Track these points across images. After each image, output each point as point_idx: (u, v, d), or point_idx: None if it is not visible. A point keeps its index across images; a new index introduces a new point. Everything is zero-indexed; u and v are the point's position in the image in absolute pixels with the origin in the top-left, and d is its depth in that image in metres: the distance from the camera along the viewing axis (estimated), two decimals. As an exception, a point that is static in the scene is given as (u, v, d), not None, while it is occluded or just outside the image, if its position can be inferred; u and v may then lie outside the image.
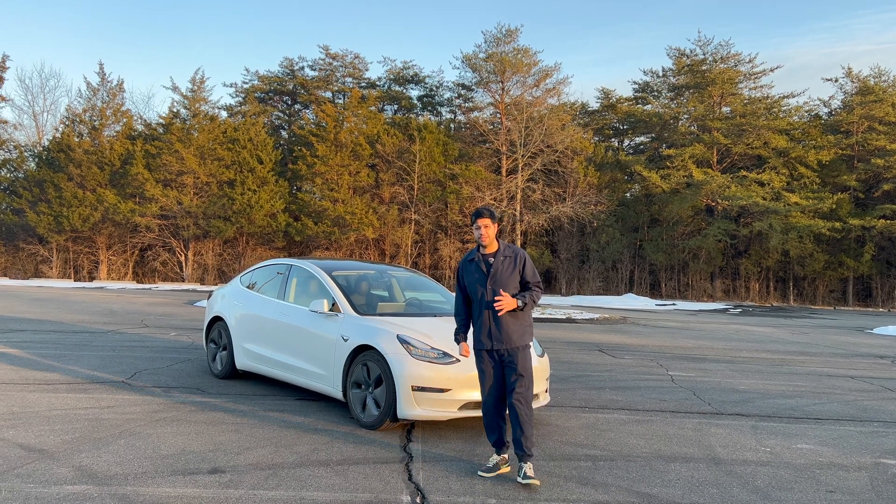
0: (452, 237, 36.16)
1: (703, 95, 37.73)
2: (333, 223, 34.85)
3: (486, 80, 37.95)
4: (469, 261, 5.29)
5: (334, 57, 42.59)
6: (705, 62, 38.43)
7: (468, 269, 5.26)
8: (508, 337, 5.06)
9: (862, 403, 8.55)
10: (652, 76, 41.79)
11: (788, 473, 5.42)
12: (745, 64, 38.33)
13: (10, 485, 4.48)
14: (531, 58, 37.43)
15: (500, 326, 5.06)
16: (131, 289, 29.58)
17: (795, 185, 35.12)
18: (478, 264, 5.20)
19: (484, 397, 5.17)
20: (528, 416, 4.98)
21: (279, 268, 8.18)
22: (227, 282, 35.43)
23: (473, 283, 5.19)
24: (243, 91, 43.32)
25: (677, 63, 39.64)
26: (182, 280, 36.74)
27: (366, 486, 4.73)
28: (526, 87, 37.73)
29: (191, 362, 9.56)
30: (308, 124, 40.36)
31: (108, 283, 34.22)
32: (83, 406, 6.74)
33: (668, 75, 41.00)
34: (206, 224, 35.69)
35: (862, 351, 14.64)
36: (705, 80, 37.50)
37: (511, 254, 5.22)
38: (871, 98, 36.79)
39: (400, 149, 35.96)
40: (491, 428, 5.18)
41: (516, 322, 5.09)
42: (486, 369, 5.15)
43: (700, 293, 36.90)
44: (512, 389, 5.01)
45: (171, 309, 18.45)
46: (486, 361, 5.14)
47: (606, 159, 37.83)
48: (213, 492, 4.48)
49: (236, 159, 35.97)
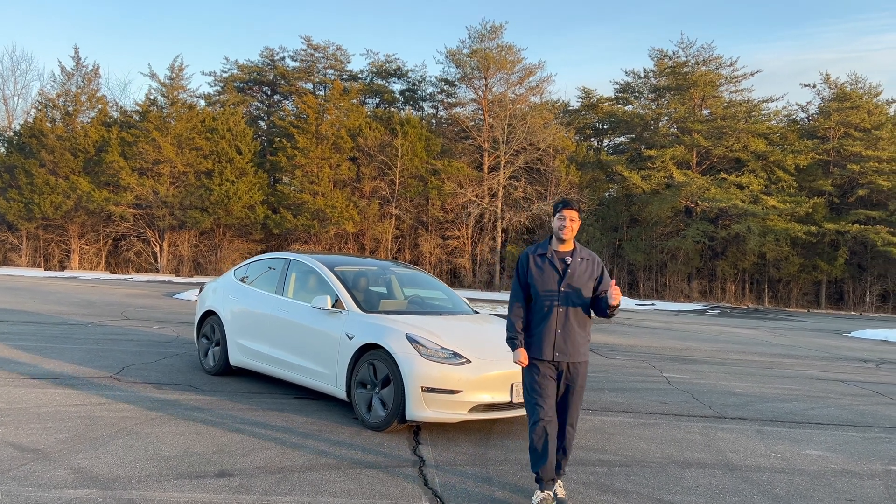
0: (433, 233, 35.96)
1: (685, 97, 37.97)
2: (313, 216, 34.44)
3: (470, 76, 37.83)
4: (539, 255, 4.57)
5: (316, 48, 42.07)
6: (687, 64, 38.68)
7: (536, 264, 4.54)
8: (576, 349, 4.45)
9: (858, 408, 8.57)
10: (633, 77, 41.96)
11: (804, 481, 5.36)
12: (727, 67, 38.68)
13: (8, 488, 4.23)
14: (515, 55, 37.40)
15: (568, 336, 4.43)
16: (105, 279, 28.94)
17: (773, 189, 35.50)
18: (551, 261, 4.52)
19: (536, 416, 4.40)
20: (574, 438, 4.56)
21: (276, 262, 7.94)
22: (206, 274, 34.81)
23: (542, 281, 4.49)
24: (222, 80, 42.61)
25: (659, 64, 39.82)
26: (157, 271, 36.06)
27: (382, 491, 4.55)
28: (509, 84, 37.70)
29: (179, 357, 9.28)
30: (288, 115, 39.86)
31: (81, 272, 33.46)
32: (73, 403, 6.46)
33: (650, 76, 41.17)
34: (182, 214, 35.04)
35: (845, 354, 14.78)
36: (687, 82, 37.74)
37: (589, 256, 4.61)
38: (848, 104, 37.34)
39: (382, 143, 35.66)
40: (541, 453, 4.39)
41: (583, 332, 4.51)
42: (543, 383, 4.42)
43: (677, 293, 37.18)
44: (568, 411, 4.47)
45: (151, 301, 18.03)
46: (545, 375, 4.44)
47: (588, 159, 37.91)
48: (224, 497, 4.27)
49: (215, 149, 35.36)
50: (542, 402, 4.41)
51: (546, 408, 4.41)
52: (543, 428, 4.38)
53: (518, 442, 6.00)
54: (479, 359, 5.97)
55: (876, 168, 35.31)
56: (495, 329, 6.90)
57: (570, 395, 4.48)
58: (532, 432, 4.43)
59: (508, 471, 5.18)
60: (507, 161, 35.34)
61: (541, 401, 4.42)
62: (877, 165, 35.27)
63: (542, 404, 4.41)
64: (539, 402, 4.42)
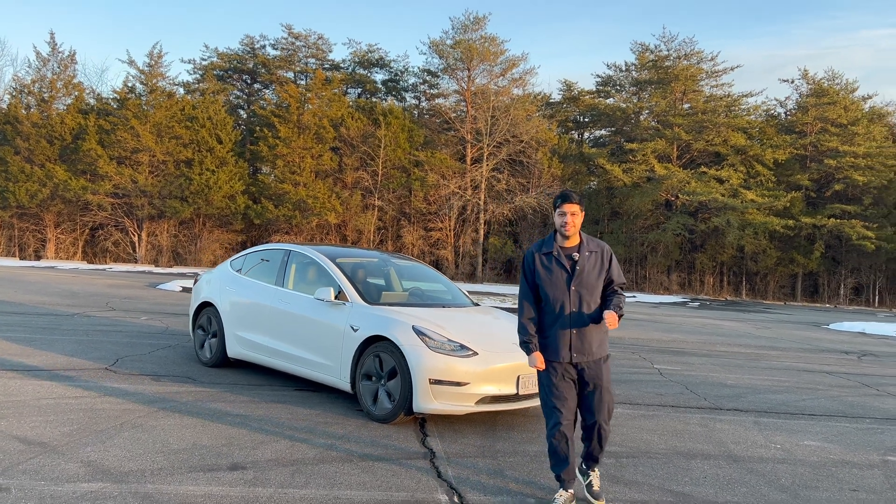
0: (416, 224, 35.90)
1: (666, 91, 38.23)
2: (295, 207, 34.18)
3: (453, 66, 37.72)
4: (545, 253, 4.39)
5: (297, 37, 41.66)
6: (668, 58, 38.93)
7: (543, 263, 4.37)
8: (594, 347, 4.31)
9: (847, 399, 8.73)
10: (615, 70, 42.13)
11: (807, 471, 5.45)
12: (707, 62, 38.98)
13: (20, 482, 4.16)
14: (498, 46, 37.34)
15: (584, 335, 4.28)
16: (84, 269, 28.50)
17: (752, 183, 35.94)
18: (558, 260, 4.33)
19: (555, 420, 4.29)
20: (608, 434, 4.44)
21: (275, 253, 7.88)
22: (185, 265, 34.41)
23: (551, 282, 4.32)
24: (202, 68, 42.05)
25: (640, 58, 40.03)
26: (135, 261, 35.59)
27: (397, 483, 4.55)
28: (492, 75, 37.68)
29: (172, 349, 9.18)
30: (270, 105, 39.47)
31: (57, 262, 32.90)
32: (72, 395, 6.36)
33: (631, 70, 41.39)
34: (161, 204, 34.59)
35: (826, 346, 15.04)
36: (668, 75, 38.00)
37: (597, 248, 4.39)
38: (825, 100, 37.87)
39: (365, 133, 35.47)
40: (561, 457, 4.30)
41: (599, 330, 4.35)
42: (560, 385, 4.30)
43: (657, 286, 37.55)
44: (596, 409, 4.33)
45: (135, 292, 17.80)
46: (563, 377, 4.31)
47: (570, 151, 38.07)
48: (240, 490, 4.24)
49: (194, 138, 34.90)
50: (560, 405, 4.29)
51: (565, 411, 4.28)
52: (563, 432, 4.27)
53: (524, 434, 6.03)
54: (485, 351, 5.98)
55: (852, 163, 35.90)
56: (499, 321, 6.93)
57: (598, 394, 4.34)
58: (551, 436, 4.32)
59: (519, 463, 5.20)
60: (490, 153, 35.35)
61: (559, 404, 4.29)
62: (853, 161, 35.85)
63: (560, 408, 4.28)
64: (557, 405, 4.29)
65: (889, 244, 35.44)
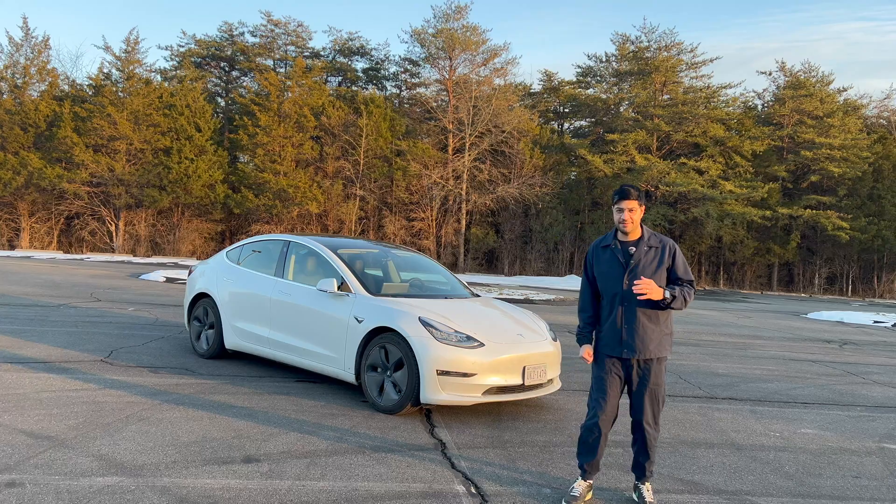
0: (398, 214, 35.81)
1: (646, 82, 38.44)
2: (275, 196, 33.90)
3: (435, 56, 37.59)
4: (603, 247, 4.39)
5: (276, 24, 41.23)
6: (649, 49, 39.12)
7: (600, 257, 4.37)
8: (644, 345, 4.21)
9: (836, 388, 8.90)
10: (595, 61, 42.26)
11: (809, 459, 5.56)
12: (687, 53, 39.24)
13: (33, 477, 4.10)
14: (479, 36, 37.27)
15: (634, 331, 4.20)
16: (62, 259, 28.04)
17: (731, 174, 36.36)
18: (614, 253, 4.31)
19: (593, 412, 4.29)
20: (656, 440, 4.35)
21: (274, 244, 7.82)
22: (164, 254, 33.96)
23: (606, 275, 4.31)
24: (179, 55, 41.48)
25: (621, 49, 40.17)
26: (112, 251, 35.10)
27: (413, 475, 4.56)
28: (474, 65, 37.60)
29: (165, 340, 9.08)
30: (250, 93, 39.02)
31: (34, 252, 32.33)
32: (72, 388, 6.28)
33: (612, 61, 41.53)
34: (139, 193, 34.13)
35: (807, 335, 15.31)
36: (649, 66, 38.19)
37: (657, 243, 4.30)
38: (802, 92, 38.38)
39: (346, 122, 35.25)
40: (589, 448, 4.33)
41: (656, 327, 4.24)
42: (607, 379, 4.28)
43: (636, 276, 37.89)
44: (642, 409, 4.28)
45: (117, 282, 17.56)
46: (611, 371, 4.29)
47: (552, 142, 38.18)
48: (258, 483, 4.23)
49: (173, 126, 34.44)
50: (602, 399, 4.29)
51: (606, 407, 4.28)
52: (598, 425, 4.28)
53: (530, 424, 6.08)
54: (491, 342, 6.01)
55: (828, 155, 36.48)
56: (501, 312, 6.96)
57: (644, 393, 4.27)
58: (585, 427, 4.35)
59: (529, 453, 5.24)
60: (472, 143, 35.32)
61: (601, 398, 4.29)
62: (828, 152, 36.43)
63: (602, 402, 4.28)
64: (600, 399, 4.30)
65: (862, 235, 36.13)
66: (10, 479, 4.06)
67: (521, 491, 4.43)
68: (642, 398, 4.31)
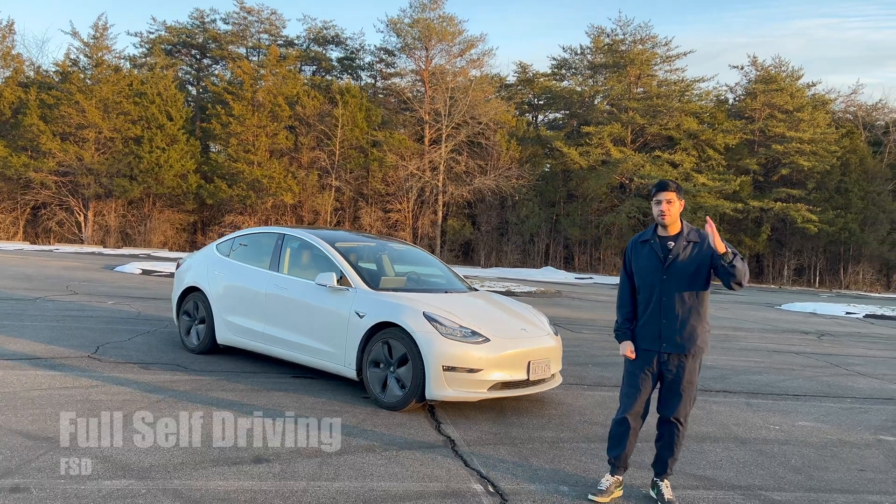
0: (374, 206, 35.59)
1: (621, 75, 38.66)
2: (249, 187, 33.47)
3: (411, 46, 37.38)
4: (642, 242, 4.34)
5: (249, 11, 40.61)
6: (624, 42, 39.34)
7: (639, 252, 4.32)
8: (682, 340, 4.17)
9: (823, 379, 9.03)
10: (571, 53, 42.42)
11: (812, 452, 5.61)
12: (662, 47, 39.57)
13: (38, 481, 3.95)
14: (456, 27, 37.16)
15: (672, 327, 4.16)
16: (30, 250, 27.34)
17: (703, 167, 36.79)
18: (652, 248, 4.25)
19: (623, 407, 4.31)
20: (683, 437, 4.33)
21: (267, 237, 7.66)
22: (135, 245, 33.32)
23: (644, 270, 4.26)
24: (149, 41, 40.66)
25: (596, 42, 40.36)
26: (81, 242, 34.33)
27: (427, 473, 4.49)
28: (450, 56, 37.48)
29: (151, 335, 8.87)
30: (222, 81, 38.38)
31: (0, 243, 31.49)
32: (63, 385, 6.08)
33: (587, 53, 41.70)
34: (109, 183, 33.42)
35: (785, 327, 15.56)
36: (624, 59, 38.42)
37: (697, 238, 4.20)
38: (773, 87, 38.93)
39: (321, 112, 34.87)
40: (618, 442, 4.34)
41: (694, 322, 4.18)
42: (640, 375, 4.27)
43: (610, 267, 38.22)
44: (672, 405, 4.26)
45: (92, 274, 17.15)
46: (644, 367, 4.27)
47: (528, 134, 38.21)
48: (272, 484, 4.12)
49: (144, 114, 33.74)
50: (634, 394, 4.28)
51: (637, 401, 4.28)
52: (627, 419, 4.29)
53: (535, 419, 6.04)
54: (496, 337, 5.95)
55: (797, 149, 37.08)
56: (502, 307, 6.91)
57: (676, 389, 4.25)
58: (615, 420, 4.36)
59: (539, 450, 5.20)
60: (448, 134, 35.20)
61: (633, 393, 4.29)
62: (798, 146, 37.03)
63: (634, 397, 4.28)
64: (631, 393, 4.30)
65: (830, 227, 36.86)
66: (14, 483, 3.90)
67: (538, 489, 4.39)
68: (674, 394, 4.28)
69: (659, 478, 4.39)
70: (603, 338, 11.63)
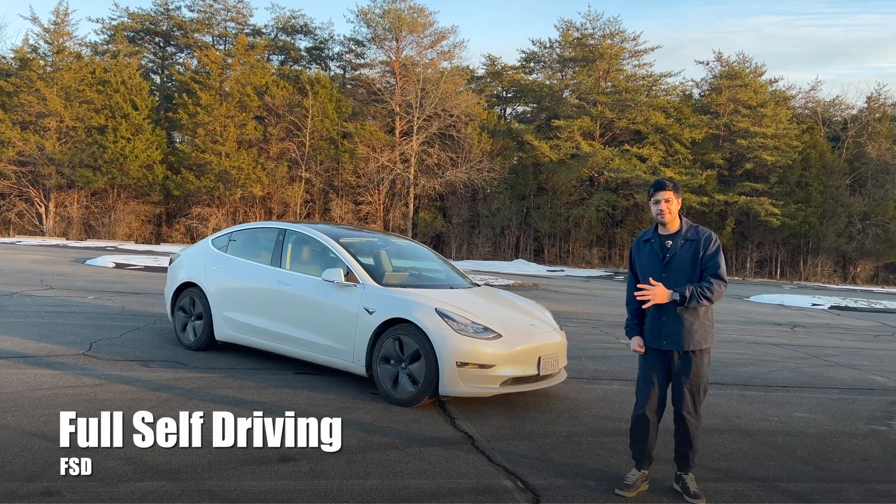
0: (345, 198, 35.36)
1: (591, 69, 38.99)
2: (217, 178, 32.94)
3: (382, 36, 37.11)
4: (644, 241, 4.49)
5: (215, -1, 39.83)
6: (593, 36, 39.66)
7: (642, 251, 4.48)
8: (683, 337, 4.28)
9: (806, 371, 9.30)
10: (540, 47, 42.60)
11: (815, 443, 5.79)
12: (630, 41, 39.98)
13: (68, 485, 3.87)
14: (426, 18, 37.01)
15: (673, 323, 4.28)
16: (-11, 242, 26.55)
17: (671, 161, 37.36)
18: (653, 246, 4.40)
19: (640, 402, 4.43)
20: (697, 430, 4.45)
21: (267, 232, 7.58)
22: (99, 238, 32.55)
23: (646, 268, 4.40)
24: (111, 28, 39.63)
25: (565, 35, 40.60)
26: (42, 234, 33.42)
27: (455, 470, 4.52)
28: (421, 47, 37.33)
29: (142, 331, 8.71)
30: (188, 70, 37.64)
31: (-45, 234, 30.48)
32: (66, 384, 5.95)
33: (556, 47, 41.94)
34: (71, 173, 32.56)
35: (757, 319, 15.94)
36: (593, 53, 38.74)
37: (694, 236, 4.33)
38: (738, 82, 39.65)
39: (290, 102, 34.45)
40: (640, 437, 4.44)
41: (695, 319, 4.29)
42: (652, 370, 4.41)
43: (579, 260, 38.63)
44: (682, 399, 4.37)
45: (63, 268, 16.73)
46: (655, 363, 4.40)
47: (499, 127, 38.32)
48: (304, 484, 4.11)
49: (108, 103, 32.92)
50: (649, 389, 4.39)
51: (652, 397, 4.39)
52: (645, 415, 4.40)
53: (545, 413, 6.11)
54: (508, 333, 6.01)
55: (761, 143, 37.87)
56: (509, 302, 6.97)
57: (683, 384, 4.35)
58: (634, 417, 4.46)
59: (557, 445, 5.27)
60: (420, 126, 35.12)
61: (648, 388, 4.40)
62: (762, 141, 37.82)
63: (648, 393, 4.39)
64: (646, 389, 4.41)
65: (792, 221, 37.81)
66: (44, 487, 3.83)
67: (565, 484, 4.46)
68: (682, 388, 4.38)
69: (683, 472, 4.48)
70: (588, 331, 11.79)
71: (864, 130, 42.79)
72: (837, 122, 45.05)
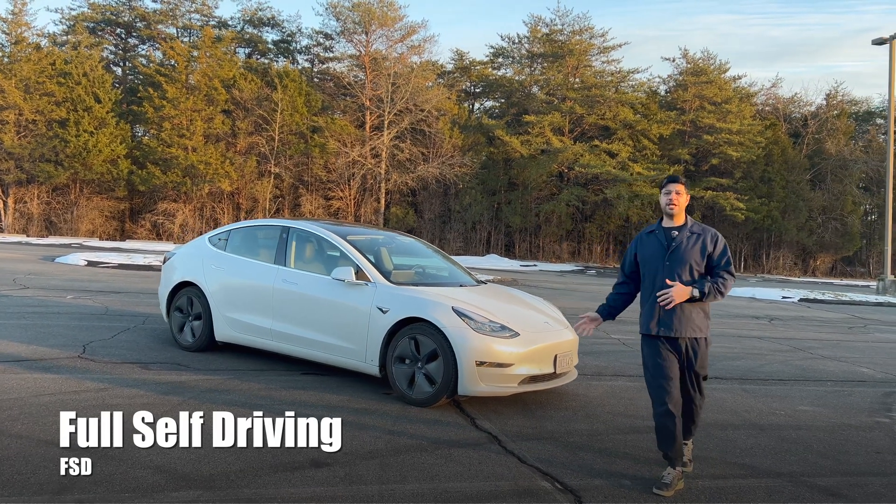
0: (315, 193, 34.98)
1: (560, 65, 39.19)
2: (184, 173, 32.30)
3: (351, 30, 36.78)
4: (648, 233, 4.62)
5: (180, -10, 38.96)
6: (562, 32, 39.87)
7: (645, 242, 4.60)
8: (681, 324, 4.37)
9: (796, 363, 9.48)
10: (508, 42, 42.68)
11: (827, 437, 5.88)
12: (598, 38, 40.30)
13: (102, 493, 3.72)
14: (396, 12, 36.81)
15: (673, 311, 4.37)
16: (-53, 240, 25.61)
17: (639, 157, 37.82)
18: (657, 237, 4.52)
19: (661, 399, 4.37)
20: (701, 407, 4.62)
21: (269, 230, 7.42)
22: (60, 234, 31.63)
23: (649, 258, 4.50)
24: (71, 18, 38.49)
25: (533, 31, 40.75)
26: (0, 231, 32.36)
27: (491, 472, 4.47)
28: (391, 41, 37.09)
29: (134, 332, 8.46)
30: (153, 62, 36.77)
31: None
32: (70, 389, 5.73)
33: (524, 42, 42.07)
34: (31, 168, 31.59)
35: (735, 312, 16.22)
36: (562, 50, 38.95)
37: (700, 231, 4.49)
38: (703, 79, 40.32)
39: (259, 96, 33.92)
40: (668, 435, 4.38)
41: (694, 309, 4.39)
42: (664, 363, 4.40)
43: (550, 255, 38.91)
44: (691, 384, 4.52)
45: (34, 266, 16.20)
46: (665, 354, 4.41)
47: (470, 122, 38.30)
48: (344, 490, 4.01)
49: (69, 96, 32.00)
50: (665, 383, 4.38)
51: (671, 389, 4.37)
52: (669, 411, 4.36)
53: (561, 411, 6.09)
54: (525, 331, 5.97)
55: (726, 139, 38.58)
56: (521, 300, 6.94)
57: (692, 369, 4.50)
58: (657, 415, 4.42)
59: (583, 444, 5.23)
60: (391, 121, 34.90)
61: (665, 382, 4.38)
62: (727, 137, 38.54)
63: (666, 387, 4.37)
64: (663, 383, 4.39)
65: (755, 215, 38.62)
66: (77, 499, 3.66)
67: (602, 484, 4.44)
68: (692, 374, 4.54)
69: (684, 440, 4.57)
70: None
71: (824, 127, 43.89)
72: (797, 119, 46.13)
